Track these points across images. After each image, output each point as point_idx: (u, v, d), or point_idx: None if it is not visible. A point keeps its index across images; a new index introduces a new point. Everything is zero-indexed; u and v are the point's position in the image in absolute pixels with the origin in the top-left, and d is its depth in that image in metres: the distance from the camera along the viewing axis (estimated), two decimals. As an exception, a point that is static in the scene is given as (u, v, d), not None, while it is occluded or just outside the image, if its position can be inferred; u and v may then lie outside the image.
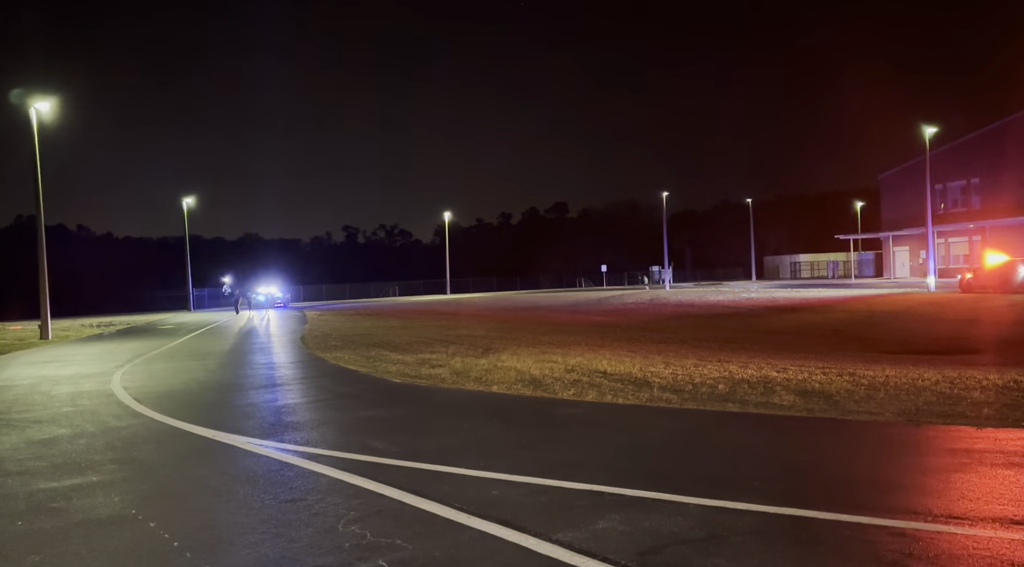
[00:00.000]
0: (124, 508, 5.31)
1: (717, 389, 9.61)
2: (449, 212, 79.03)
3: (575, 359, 13.35)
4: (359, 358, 15.13)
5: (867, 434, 6.94)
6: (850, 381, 9.78)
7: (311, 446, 7.14)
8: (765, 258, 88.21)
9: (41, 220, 26.79)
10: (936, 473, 5.52)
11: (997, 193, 50.96)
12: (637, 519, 4.62)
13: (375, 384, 11.54)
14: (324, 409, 9.31)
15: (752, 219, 78.45)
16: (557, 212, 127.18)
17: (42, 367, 16.04)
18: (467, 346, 16.75)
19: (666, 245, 64.68)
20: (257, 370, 13.97)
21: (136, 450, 7.31)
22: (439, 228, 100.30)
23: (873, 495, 4.94)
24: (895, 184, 62.18)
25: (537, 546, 4.23)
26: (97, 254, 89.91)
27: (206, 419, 8.90)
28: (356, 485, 5.66)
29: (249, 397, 10.56)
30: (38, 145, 26.45)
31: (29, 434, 8.28)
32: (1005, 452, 6.00)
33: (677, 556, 4.03)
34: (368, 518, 4.86)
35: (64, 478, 6.23)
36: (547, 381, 10.78)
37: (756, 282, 70.45)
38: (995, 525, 4.34)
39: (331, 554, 4.27)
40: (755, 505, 4.77)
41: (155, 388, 11.90)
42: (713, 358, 13.29)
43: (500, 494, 5.28)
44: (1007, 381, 9.33)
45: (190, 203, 58.25)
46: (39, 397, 11.23)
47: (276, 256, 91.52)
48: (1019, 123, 50.43)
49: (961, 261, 53.63)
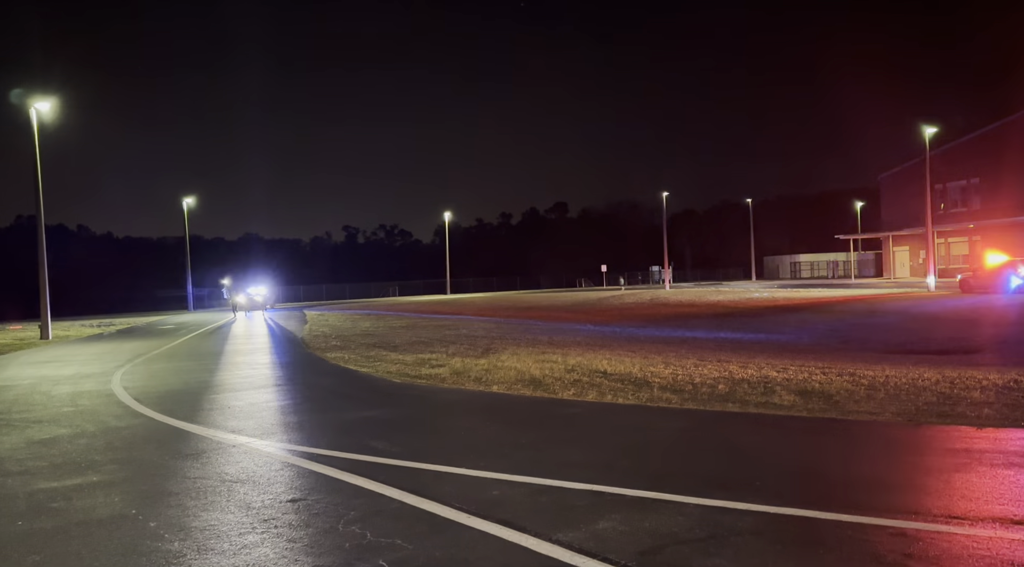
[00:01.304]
0: (124, 508, 5.31)
1: (717, 389, 9.61)
2: (449, 212, 79.22)
3: (575, 359, 13.35)
4: (359, 358, 15.13)
5: (867, 434, 6.94)
6: (850, 381, 9.78)
7: (311, 446, 7.14)
8: (765, 258, 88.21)
9: (41, 220, 26.80)
10: (936, 473, 5.52)
11: (997, 193, 50.98)
12: (637, 519, 4.62)
13: (375, 384, 11.54)
14: (324, 409, 9.31)
15: (752, 219, 78.44)
16: (557, 212, 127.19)
17: (42, 367, 16.05)
18: (467, 346, 16.75)
19: (666, 245, 64.69)
20: (257, 370, 13.97)
21: (136, 450, 7.32)
22: (439, 228, 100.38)
23: (873, 495, 4.94)
24: (895, 184, 62.18)
25: (537, 546, 4.24)
26: (97, 254, 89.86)
27: (206, 419, 8.90)
28: (356, 485, 5.66)
29: (249, 397, 10.56)
30: (38, 145, 26.47)
31: (29, 434, 8.29)
32: (1005, 452, 6.00)
33: (677, 556, 4.03)
34: (368, 518, 4.87)
35: (64, 478, 6.23)
36: (547, 381, 10.78)
37: (756, 282, 70.44)
38: (995, 525, 4.34)
39: (331, 554, 4.27)
40: (755, 505, 4.77)
41: (155, 388, 11.90)
42: (713, 358, 13.29)
43: (500, 494, 5.28)
44: (1007, 381, 9.33)
45: (190, 203, 58.34)
46: (39, 397, 11.23)
47: (276, 256, 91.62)
48: (1019, 123, 50.44)
49: (961, 261, 53.64)
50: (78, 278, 69.03)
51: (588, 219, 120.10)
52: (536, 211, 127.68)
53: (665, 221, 66.88)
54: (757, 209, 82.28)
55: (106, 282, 72.58)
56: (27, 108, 26.43)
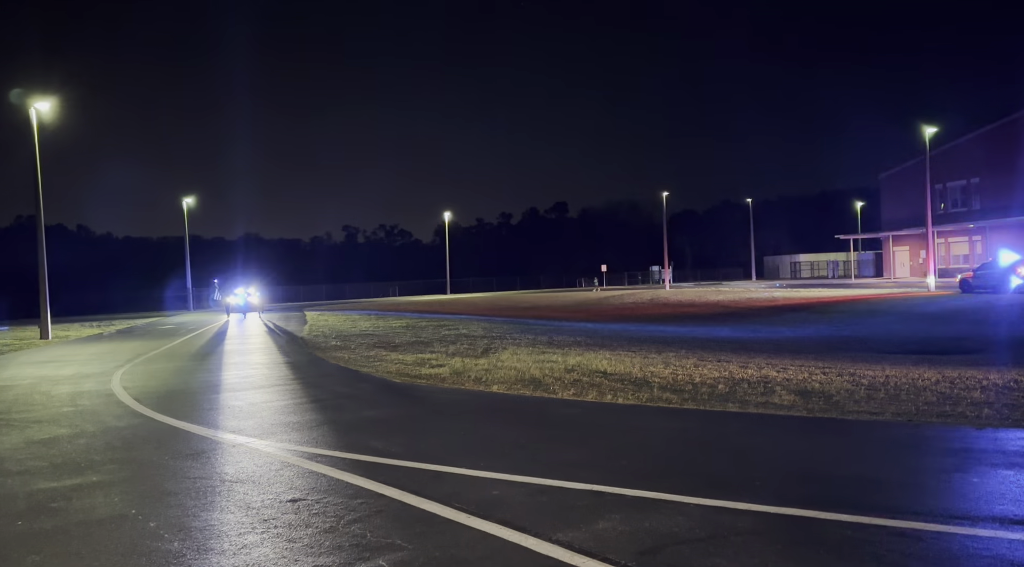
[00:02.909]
0: (124, 508, 5.31)
1: (717, 389, 9.61)
2: (449, 212, 79.18)
3: (575, 359, 13.35)
4: (359, 358, 15.13)
5: (867, 434, 6.94)
6: (850, 381, 9.78)
7: (311, 446, 7.13)
8: (765, 258, 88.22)
9: (41, 220, 26.78)
10: (936, 473, 5.52)
11: (997, 193, 50.98)
12: (637, 519, 4.62)
13: (375, 384, 11.54)
14: (324, 409, 9.31)
15: (752, 219, 78.44)
16: (557, 212, 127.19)
17: (42, 367, 16.04)
18: (467, 346, 16.75)
19: (666, 245, 64.70)
20: (257, 370, 13.97)
21: (136, 450, 7.31)
22: (439, 228, 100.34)
23: (873, 495, 4.94)
24: (895, 184, 62.18)
25: (537, 546, 4.23)
26: (97, 254, 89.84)
27: (206, 419, 8.90)
28: (356, 485, 5.66)
29: (249, 397, 10.56)
30: (38, 145, 26.47)
31: (29, 434, 8.28)
32: (1005, 452, 6.01)
33: (677, 556, 4.03)
34: (368, 518, 4.86)
35: (64, 478, 6.22)
36: (547, 381, 10.78)
37: (756, 282, 70.44)
38: (995, 525, 4.34)
39: (331, 554, 4.27)
40: (755, 505, 4.77)
41: (155, 388, 11.90)
42: (713, 358, 13.29)
43: (500, 494, 5.28)
44: (1007, 381, 9.34)
45: (190, 203, 58.31)
46: (39, 397, 11.23)
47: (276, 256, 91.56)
48: (1019, 123, 50.44)
49: (961, 261, 53.65)
50: (78, 278, 69.00)
51: (588, 219, 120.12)
52: (536, 211, 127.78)
53: (665, 221, 66.89)
54: (757, 209, 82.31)
55: (106, 282, 72.45)
56: (27, 108, 26.42)
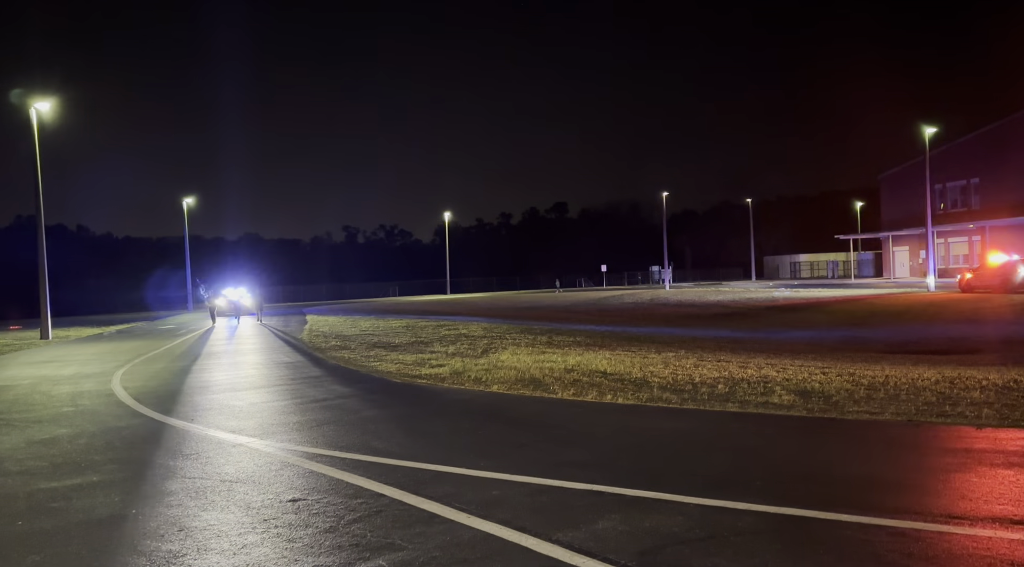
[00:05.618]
0: (124, 508, 5.31)
1: (717, 389, 9.61)
2: (449, 212, 79.22)
3: (574, 359, 13.35)
4: (359, 358, 15.13)
5: (867, 434, 6.94)
6: (850, 381, 9.79)
7: (311, 446, 7.14)
8: (765, 258, 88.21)
9: (41, 220, 26.78)
10: (936, 473, 5.52)
11: (997, 193, 51.00)
12: (637, 519, 4.62)
13: (375, 384, 11.54)
14: (324, 409, 9.31)
15: (752, 219, 78.44)
16: (557, 212, 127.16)
17: (42, 367, 16.05)
18: (467, 346, 16.75)
19: (666, 245, 64.72)
20: (257, 370, 13.97)
21: (136, 450, 7.32)
22: (439, 228, 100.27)
23: (873, 495, 4.94)
24: (895, 184, 62.20)
25: (537, 546, 4.24)
26: (97, 254, 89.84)
27: (206, 419, 8.90)
28: (356, 485, 5.67)
29: (249, 397, 10.56)
30: (38, 145, 26.47)
31: (29, 434, 8.29)
32: (1005, 452, 6.01)
33: (677, 556, 4.03)
34: (368, 518, 4.87)
35: (64, 478, 6.23)
36: (546, 381, 10.78)
37: (756, 282, 70.45)
38: (995, 525, 4.34)
39: (331, 554, 4.27)
40: (755, 505, 4.77)
41: (155, 388, 11.90)
42: (712, 358, 13.29)
43: (500, 494, 5.28)
44: (1007, 381, 9.34)
45: (190, 203, 58.29)
46: (39, 397, 11.23)
47: (276, 256, 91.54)
48: (1019, 123, 50.45)
49: (961, 261, 53.66)
50: (78, 278, 69.02)
51: (588, 219, 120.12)
52: (536, 211, 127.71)
53: (665, 221, 66.90)
54: (757, 209, 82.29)
55: (106, 282, 72.48)
56: (27, 108, 26.43)
